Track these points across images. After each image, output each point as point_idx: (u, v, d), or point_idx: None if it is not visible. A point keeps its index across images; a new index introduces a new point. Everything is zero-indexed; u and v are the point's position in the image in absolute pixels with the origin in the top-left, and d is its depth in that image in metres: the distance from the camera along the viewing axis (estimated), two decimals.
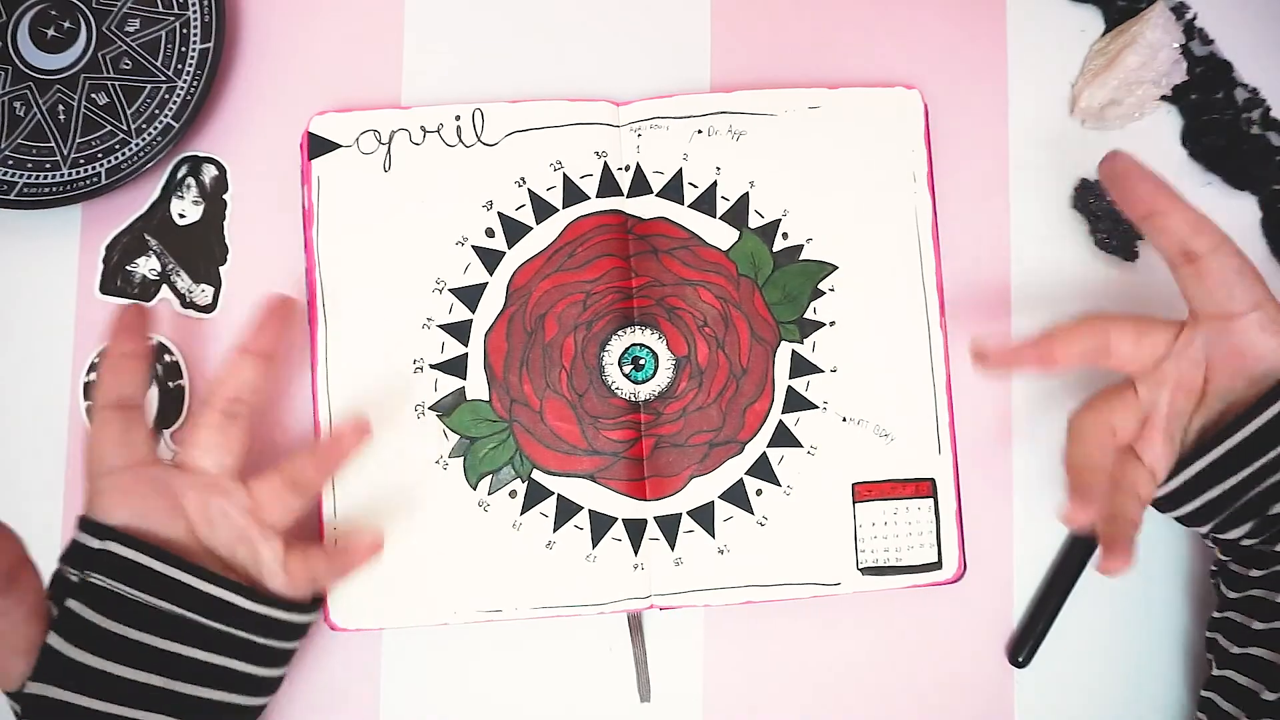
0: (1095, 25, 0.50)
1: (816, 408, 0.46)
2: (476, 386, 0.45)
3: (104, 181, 0.46)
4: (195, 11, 0.47)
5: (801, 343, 0.46)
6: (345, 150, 0.46)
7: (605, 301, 0.46)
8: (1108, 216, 0.48)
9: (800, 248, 0.47)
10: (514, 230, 0.46)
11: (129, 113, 0.47)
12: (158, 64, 0.48)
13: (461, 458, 0.45)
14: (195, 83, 0.47)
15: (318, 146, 0.46)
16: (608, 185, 0.46)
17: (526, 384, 0.45)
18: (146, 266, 0.48)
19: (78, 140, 0.47)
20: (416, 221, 0.46)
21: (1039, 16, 0.50)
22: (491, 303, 0.46)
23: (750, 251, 0.46)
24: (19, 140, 0.47)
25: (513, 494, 0.45)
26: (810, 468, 0.46)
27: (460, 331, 0.45)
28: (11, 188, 0.46)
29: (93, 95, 0.48)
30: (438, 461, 0.45)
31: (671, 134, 0.47)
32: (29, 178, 0.47)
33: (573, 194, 0.46)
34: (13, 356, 0.48)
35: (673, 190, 0.46)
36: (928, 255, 0.47)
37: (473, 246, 0.46)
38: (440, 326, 0.45)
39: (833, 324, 0.46)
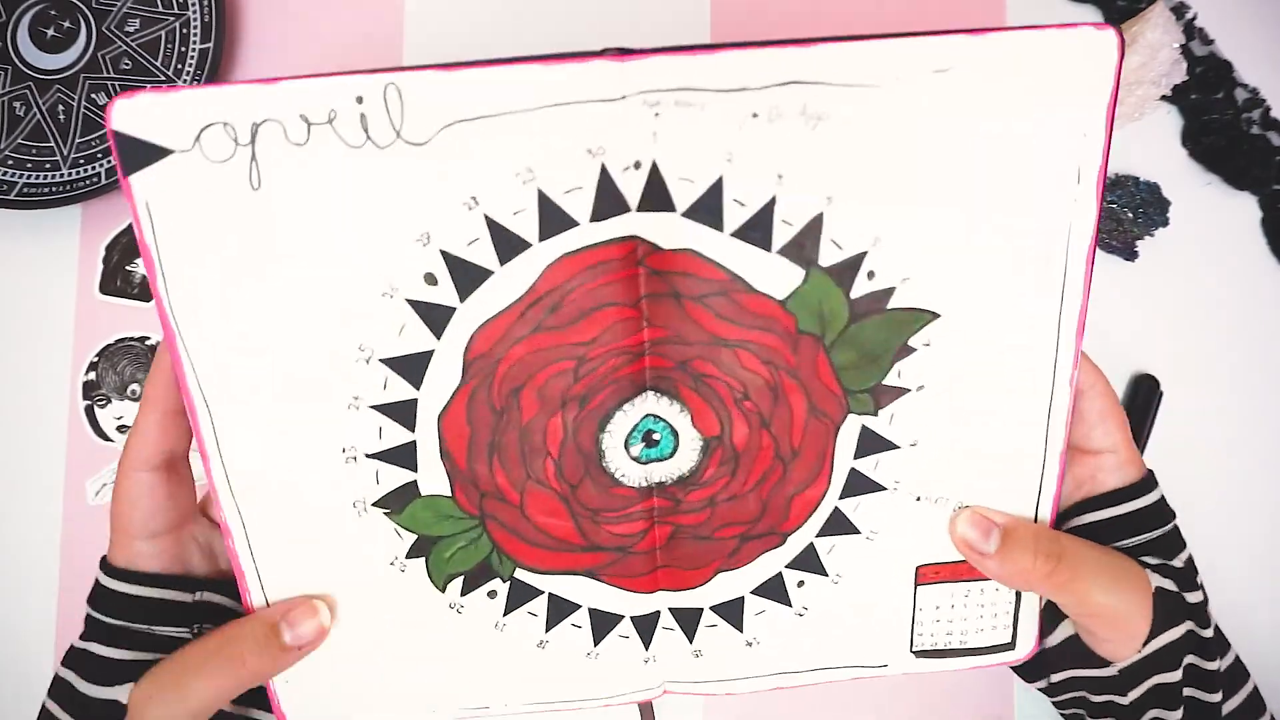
0: None
1: (884, 490, 0.35)
2: (433, 480, 0.33)
3: (104, 181, 0.46)
4: (195, 11, 0.48)
5: (876, 415, 0.33)
6: (180, 157, 0.28)
7: (605, 369, 0.32)
8: (1108, 216, 0.48)
9: (890, 292, 0.31)
10: (466, 275, 0.30)
11: None
12: (158, 64, 0.48)
13: (422, 559, 0.34)
14: (195, 83, 0.47)
15: (132, 154, 0.28)
16: (607, 198, 0.29)
17: (500, 475, 0.33)
18: None
19: (78, 140, 0.47)
20: (316, 264, 0.30)
21: (1039, 17, 0.50)
22: (443, 375, 0.32)
23: (818, 300, 0.31)
24: (19, 140, 0.47)
25: (492, 594, 0.35)
26: (867, 554, 0.36)
27: (403, 413, 0.32)
28: (11, 188, 0.46)
29: (93, 95, 0.48)
30: (393, 563, 0.34)
31: (709, 116, 0.29)
32: (29, 178, 0.47)
33: (554, 219, 0.30)
34: (13, 356, 0.48)
35: (707, 209, 0.30)
36: (1073, 290, 0.32)
37: (406, 299, 0.31)
38: (373, 407, 0.32)
39: (920, 389, 0.33)
